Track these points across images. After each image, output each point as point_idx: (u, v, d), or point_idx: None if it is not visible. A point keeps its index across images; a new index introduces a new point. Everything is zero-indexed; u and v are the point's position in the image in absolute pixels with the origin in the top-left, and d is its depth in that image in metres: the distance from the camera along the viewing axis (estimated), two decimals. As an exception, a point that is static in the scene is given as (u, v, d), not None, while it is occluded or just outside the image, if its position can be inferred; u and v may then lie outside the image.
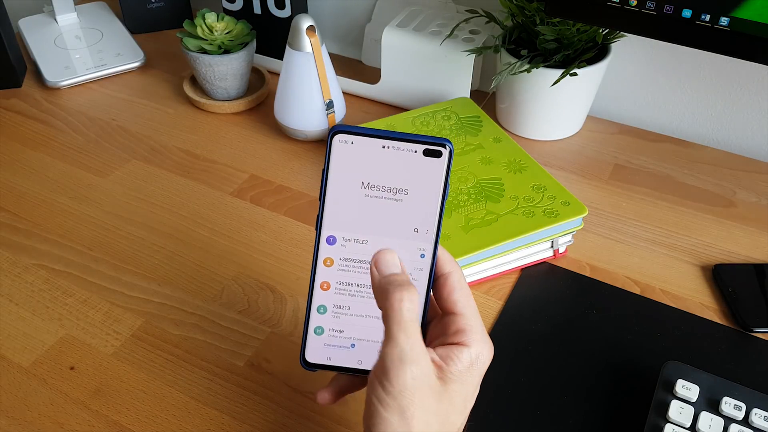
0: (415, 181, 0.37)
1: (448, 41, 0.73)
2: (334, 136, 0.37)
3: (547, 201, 0.58)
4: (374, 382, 0.34)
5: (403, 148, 0.37)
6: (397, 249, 0.37)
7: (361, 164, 0.37)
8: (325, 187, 0.38)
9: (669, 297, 0.57)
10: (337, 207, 0.38)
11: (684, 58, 0.74)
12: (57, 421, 0.47)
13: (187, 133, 0.76)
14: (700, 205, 0.66)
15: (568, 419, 0.47)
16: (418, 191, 0.38)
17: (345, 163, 0.37)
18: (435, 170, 0.37)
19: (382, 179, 0.38)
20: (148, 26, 0.95)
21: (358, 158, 0.37)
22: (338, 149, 0.37)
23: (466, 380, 0.36)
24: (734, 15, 0.52)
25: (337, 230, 0.38)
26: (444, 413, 0.35)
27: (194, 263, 0.60)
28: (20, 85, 0.84)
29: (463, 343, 0.36)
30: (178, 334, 0.53)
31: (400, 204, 0.38)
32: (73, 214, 0.65)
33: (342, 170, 0.37)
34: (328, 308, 0.39)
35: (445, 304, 0.38)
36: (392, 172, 0.37)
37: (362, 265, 0.39)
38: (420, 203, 0.38)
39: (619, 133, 0.76)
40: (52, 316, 0.55)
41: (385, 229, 0.38)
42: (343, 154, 0.37)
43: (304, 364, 0.40)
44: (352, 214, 0.38)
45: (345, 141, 0.37)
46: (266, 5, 0.81)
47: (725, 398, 0.45)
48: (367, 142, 0.37)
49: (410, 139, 0.37)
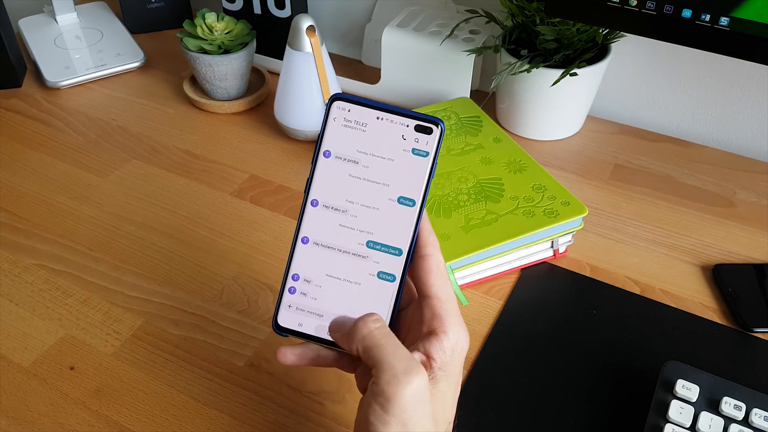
0: (404, 155, 0.39)
1: (448, 41, 0.73)
2: (333, 102, 0.39)
3: (547, 201, 0.58)
4: (372, 405, 0.34)
5: (396, 121, 0.39)
6: (378, 218, 0.39)
7: (355, 132, 0.39)
8: (319, 150, 0.39)
9: (669, 297, 0.57)
10: (326, 171, 0.39)
11: (684, 58, 0.74)
12: (57, 421, 0.47)
13: (187, 133, 0.76)
14: (700, 205, 0.66)
15: (568, 419, 0.47)
16: (405, 165, 0.39)
17: (340, 129, 0.39)
18: (424, 147, 0.39)
19: (372, 148, 0.39)
20: (148, 26, 0.95)
21: (353, 126, 0.39)
22: (335, 115, 0.39)
23: (451, 371, 0.37)
24: (734, 15, 0.52)
25: (322, 195, 0.40)
26: (439, 411, 0.36)
27: (194, 263, 0.60)
28: (20, 85, 0.84)
29: (440, 330, 0.37)
30: (178, 334, 0.53)
31: (386, 174, 0.39)
32: (73, 214, 0.65)
33: (336, 136, 0.39)
34: (302, 275, 0.40)
35: (422, 287, 0.38)
36: (383, 143, 0.39)
37: (342, 231, 0.39)
38: (406, 178, 0.39)
39: (619, 133, 0.76)
40: (52, 316, 0.55)
41: (368, 198, 0.39)
42: (339, 120, 0.39)
43: (276, 328, 0.40)
44: (340, 179, 0.39)
45: (342, 108, 0.39)
46: (266, 5, 0.81)
47: (725, 398, 0.45)
48: (363, 112, 0.39)
49: (404, 113, 0.39)
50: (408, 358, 0.35)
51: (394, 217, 0.39)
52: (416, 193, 0.39)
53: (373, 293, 0.39)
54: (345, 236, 0.39)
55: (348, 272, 0.39)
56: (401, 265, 0.39)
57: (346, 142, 0.39)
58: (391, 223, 0.39)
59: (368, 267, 0.39)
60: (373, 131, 0.39)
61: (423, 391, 0.34)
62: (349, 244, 0.39)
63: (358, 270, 0.39)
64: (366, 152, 0.39)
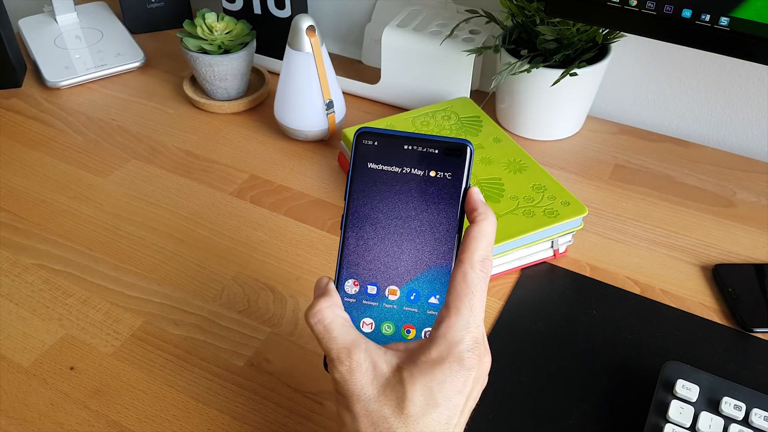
0: (436, 180, 0.38)
1: (448, 41, 0.73)
2: (360, 137, 0.38)
3: (547, 201, 0.58)
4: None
5: (425, 148, 0.38)
6: (418, 246, 0.38)
7: (383, 163, 0.38)
8: (350, 185, 0.39)
9: (669, 297, 0.57)
10: (360, 203, 0.39)
11: (684, 58, 0.74)
12: (57, 421, 0.47)
13: (187, 133, 0.76)
14: (700, 205, 0.66)
15: (568, 419, 0.47)
16: (438, 190, 0.38)
17: (368, 162, 0.39)
18: (456, 168, 0.38)
19: (402, 178, 0.38)
20: (148, 26, 0.95)
21: (381, 157, 0.38)
22: (362, 149, 0.39)
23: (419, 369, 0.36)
24: (734, 15, 0.52)
25: (358, 229, 0.39)
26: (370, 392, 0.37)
27: (194, 263, 0.60)
28: (20, 85, 0.84)
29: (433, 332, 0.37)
30: (178, 334, 0.53)
31: (422, 200, 0.38)
32: (73, 214, 0.65)
33: (365, 168, 0.39)
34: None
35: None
36: (413, 172, 0.38)
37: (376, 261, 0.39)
38: (441, 201, 0.38)
39: (619, 133, 0.76)
40: (52, 316, 0.55)
41: (407, 229, 0.39)
42: (367, 153, 0.39)
43: None
44: (375, 211, 0.39)
45: (369, 141, 0.39)
46: (266, 5, 0.81)
47: (725, 398, 0.45)
48: (390, 142, 0.38)
49: (431, 139, 0.38)
50: (338, 349, 0.36)
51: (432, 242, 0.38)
52: (453, 217, 0.38)
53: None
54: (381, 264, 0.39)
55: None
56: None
57: (376, 173, 0.39)
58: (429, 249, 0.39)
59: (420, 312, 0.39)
60: (402, 161, 0.38)
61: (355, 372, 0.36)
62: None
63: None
64: (396, 181, 0.38)
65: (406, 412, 0.35)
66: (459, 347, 0.36)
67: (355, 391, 0.36)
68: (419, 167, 0.38)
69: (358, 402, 0.36)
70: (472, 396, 0.37)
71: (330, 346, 0.36)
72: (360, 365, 0.36)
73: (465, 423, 0.38)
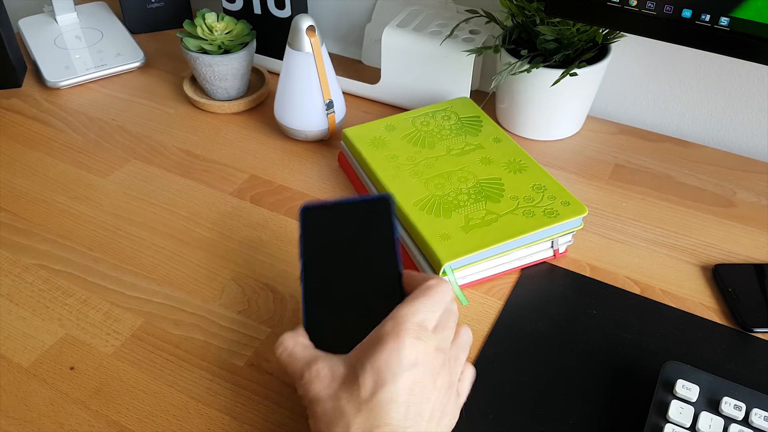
0: (371, 229, 0.45)
1: (448, 41, 0.73)
2: (304, 213, 0.46)
3: (547, 201, 0.58)
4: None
5: (355, 208, 0.46)
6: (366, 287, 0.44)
7: (329, 227, 0.45)
8: (303, 252, 0.45)
9: (669, 297, 0.57)
10: (314, 267, 0.45)
11: (684, 58, 0.74)
12: (57, 421, 0.47)
13: (187, 133, 0.76)
14: (700, 205, 0.66)
15: (568, 419, 0.47)
16: (375, 238, 0.45)
17: (316, 230, 0.45)
18: (382, 217, 0.45)
19: (346, 235, 0.45)
20: (148, 26, 0.95)
21: (326, 223, 0.46)
22: (309, 221, 0.46)
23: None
24: (734, 15, 0.52)
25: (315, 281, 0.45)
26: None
27: (194, 263, 0.60)
28: (20, 85, 0.84)
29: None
30: (178, 334, 0.53)
31: (362, 248, 0.44)
32: (73, 214, 0.65)
33: (314, 235, 0.45)
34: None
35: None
36: (353, 228, 0.45)
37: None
38: (379, 248, 0.44)
39: (619, 133, 0.76)
40: (52, 316, 0.55)
41: (357, 279, 0.44)
42: (314, 223, 0.46)
43: None
44: (328, 271, 0.44)
45: (313, 214, 0.46)
46: (266, 5, 0.81)
47: (725, 398, 0.45)
48: (331, 209, 0.46)
49: (357, 201, 0.46)
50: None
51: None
52: (391, 260, 0.44)
53: None
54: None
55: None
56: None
57: (324, 237, 0.45)
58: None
59: None
60: (343, 222, 0.45)
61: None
62: None
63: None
64: (343, 239, 0.45)
65: (359, 399, 0.37)
66: (403, 326, 0.38)
67: (314, 397, 0.38)
68: (354, 224, 0.45)
69: (318, 405, 0.38)
70: (442, 373, 0.39)
71: (294, 368, 0.40)
72: (319, 373, 0.39)
73: (454, 402, 0.41)
